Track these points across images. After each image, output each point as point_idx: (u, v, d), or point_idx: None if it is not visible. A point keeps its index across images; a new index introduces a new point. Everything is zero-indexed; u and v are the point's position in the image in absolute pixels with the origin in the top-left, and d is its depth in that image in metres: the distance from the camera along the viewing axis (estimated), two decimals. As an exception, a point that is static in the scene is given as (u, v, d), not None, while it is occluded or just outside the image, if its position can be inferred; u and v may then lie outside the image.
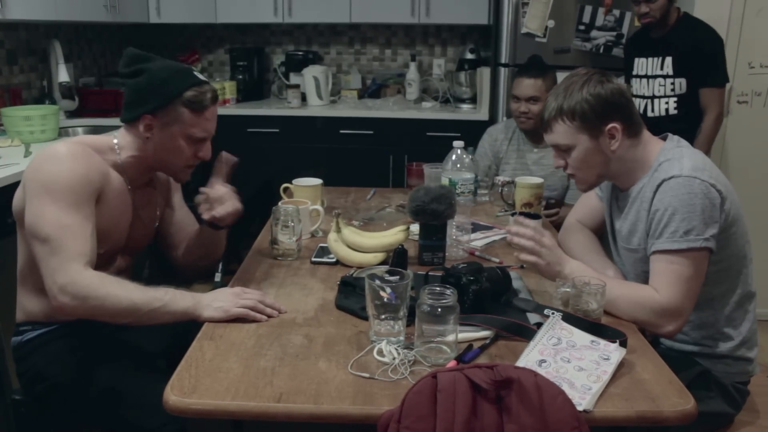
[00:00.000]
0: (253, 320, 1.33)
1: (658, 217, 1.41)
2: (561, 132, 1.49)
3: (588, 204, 1.82)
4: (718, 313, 1.50)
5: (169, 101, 1.45)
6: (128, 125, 1.52)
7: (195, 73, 1.50)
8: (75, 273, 1.31)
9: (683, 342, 1.53)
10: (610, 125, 1.45)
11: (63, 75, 3.02)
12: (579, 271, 1.46)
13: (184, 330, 1.36)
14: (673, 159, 1.45)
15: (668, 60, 2.67)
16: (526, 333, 1.26)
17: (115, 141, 1.52)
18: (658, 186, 1.42)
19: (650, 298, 1.38)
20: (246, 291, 1.41)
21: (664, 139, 1.54)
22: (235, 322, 1.33)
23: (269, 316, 1.35)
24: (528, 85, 2.47)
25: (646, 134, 1.52)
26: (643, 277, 1.48)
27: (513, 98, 2.53)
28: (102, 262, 1.51)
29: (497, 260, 1.72)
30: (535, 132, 2.55)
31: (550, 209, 2.39)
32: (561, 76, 3.21)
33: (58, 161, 1.38)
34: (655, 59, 2.71)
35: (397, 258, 1.57)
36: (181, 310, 1.35)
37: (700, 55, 2.60)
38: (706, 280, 1.42)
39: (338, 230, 1.68)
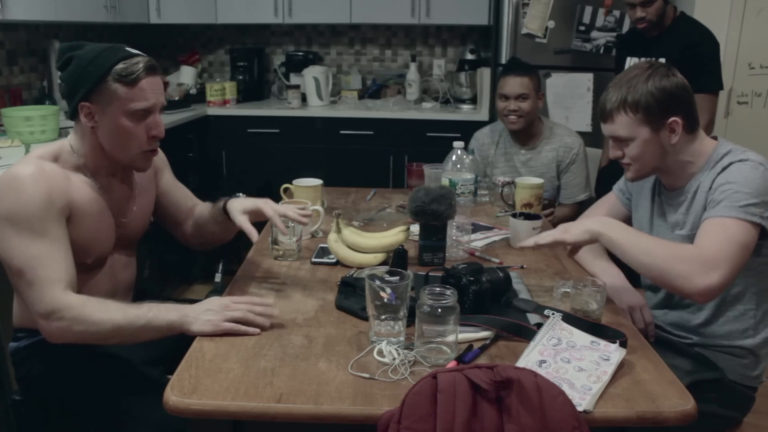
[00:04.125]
0: (245, 334, 1.27)
1: (721, 189, 1.42)
2: (623, 123, 1.48)
3: (605, 208, 1.82)
4: (758, 309, 1.51)
5: (100, 80, 1.35)
6: (75, 121, 1.43)
7: (127, 48, 1.41)
8: (55, 301, 1.29)
9: (711, 336, 1.53)
10: (672, 119, 1.46)
11: (63, 75, 3.02)
12: (613, 222, 1.46)
13: (182, 339, 1.32)
14: (736, 150, 1.47)
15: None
16: (526, 333, 1.26)
17: (69, 143, 1.45)
18: (725, 167, 1.44)
19: (691, 250, 1.37)
20: (235, 299, 1.34)
21: (714, 138, 1.56)
22: (227, 334, 1.28)
23: (261, 327, 1.29)
24: (516, 83, 2.46)
25: (701, 132, 1.54)
26: None
27: (501, 97, 2.51)
28: (96, 267, 1.50)
29: (497, 261, 1.72)
30: (522, 133, 2.54)
31: (544, 210, 2.39)
32: (561, 76, 3.27)
33: (17, 190, 1.32)
34: (661, 62, 2.62)
35: (397, 258, 1.57)
36: (165, 326, 1.31)
37: (694, 59, 2.46)
38: (753, 271, 1.44)
39: (338, 231, 1.68)
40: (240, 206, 1.54)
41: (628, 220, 1.79)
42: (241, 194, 1.69)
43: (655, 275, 1.39)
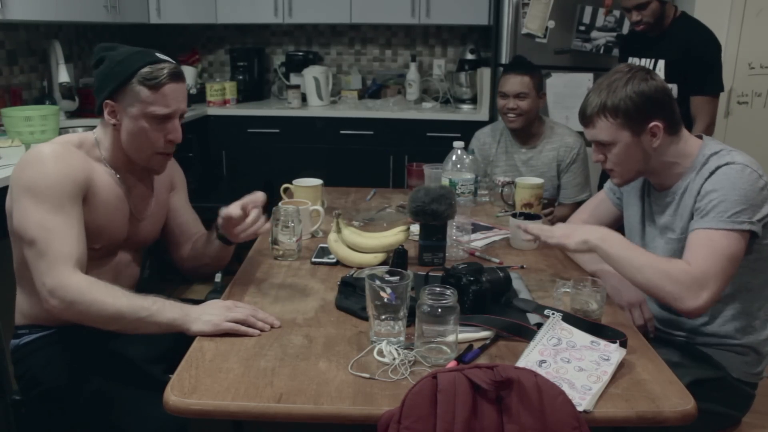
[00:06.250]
0: (244, 334, 1.28)
1: (708, 198, 1.42)
2: (603, 128, 1.49)
3: (597, 207, 1.83)
4: (753, 306, 1.51)
5: (125, 81, 1.41)
6: (101, 118, 1.49)
7: (157, 54, 1.47)
8: (63, 276, 1.31)
9: (713, 335, 1.53)
10: (653, 123, 1.46)
11: (63, 75, 3.02)
12: (611, 237, 1.47)
13: (182, 338, 1.32)
14: (722, 151, 1.48)
15: (660, 63, 2.55)
16: (526, 333, 1.26)
17: (95, 137, 1.51)
18: (712, 172, 1.44)
19: (680, 269, 1.38)
20: (238, 305, 1.36)
21: (699, 137, 1.56)
22: (227, 335, 1.28)
23: (261, 330, 1.29)
24: (516, 82, 2.46)
25: (685, 131, 1.54)
26: None
27: (500, 95, 2.52)
28: (101, 256, 1.51)
29: (497, 261, 1.72)
30: (523, 132, 2.54)
31: (544, 209, 2.39)
32: (561, 76, 3.27)
33: (40, 163, 1.37)
34: (648, 61, 2.60)
35: (397, 258, 1.57)
36: (167, 321, 1.31)
37: (695, 61, 2.47)
38: (746, 269, 1.44)
39: (338, 231, 1.68)
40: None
41: (618, 219, 1.79)
42: None
43: (648, 292, 1.44)
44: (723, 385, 1.51)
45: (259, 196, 1.55)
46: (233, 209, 1.52)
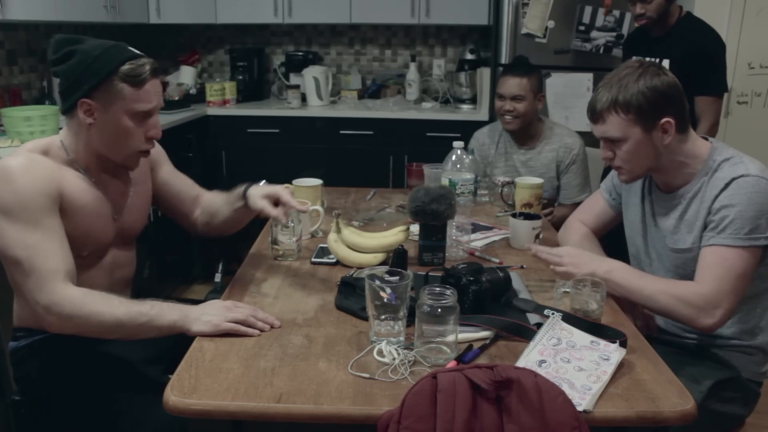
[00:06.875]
0: (244, 334, 1.28)
1: (724, 213, 1.41)
2: (614, 124, 1.46)
3: (594, 207, 1.83)
4: (758, 308, 1.52)
5: (105, 79, 1.35)
6: (69, 117, 1.42)
7: (130, 48, 1.42)
8: (55, 292, 1.29)
9: (720, 337, 1.53)
10: (665, 119, 1.44)
11: (63, 75, 3.02)
12: (618, 269, 1.47)
13: (182, 338, 1.32)
14: (734, 158, 1.46)
15: (665, 63, 2.51)
16: (526, 333, 1.26)
17: (60, 140, 1.45)
18: (727, 184, 1.43)
19: (692, 291, 1.39)
20: (238, 305, 1.35)
21: (705, 139, 1.55)
22: (227, 335, 1.28)
23: (261, 330, 1.29)
24: (513, 84, 2.45)
25: (692, 131, 1.52)
26: (691, 277, 1.47)
27: (498, 96, 2.51)
28: (92, 260, 1.50)
29: (497, 261, 1.72)
30: (521, 133, 2.53)
31: (543, 209, 2.39)
32: (561, 76, 3.26)
33: (8, 180, 1.32)
34: (652, 61, 2.60)
35: (397, 258, 1.57)
36: (167, 325, 1.31)
37: (700, 61, 2.45)
38: (757, 274, 1.44)
39: (338, 231, 1.68)
40: (260, 192, 1.55)
41: (615, 220, 1.79)
42: (263, 181, 1.67)
43: (663, 316, 1.46)
44: (738, 385, 1.52)
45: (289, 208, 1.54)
46: (268, 208, 1.52)
